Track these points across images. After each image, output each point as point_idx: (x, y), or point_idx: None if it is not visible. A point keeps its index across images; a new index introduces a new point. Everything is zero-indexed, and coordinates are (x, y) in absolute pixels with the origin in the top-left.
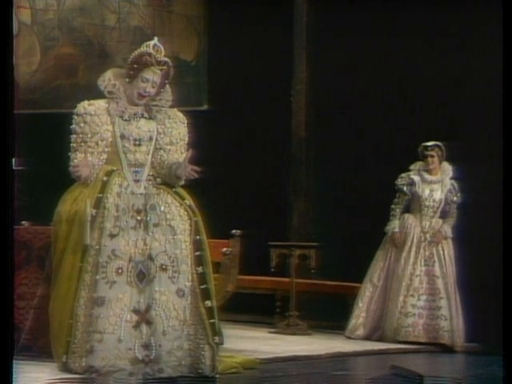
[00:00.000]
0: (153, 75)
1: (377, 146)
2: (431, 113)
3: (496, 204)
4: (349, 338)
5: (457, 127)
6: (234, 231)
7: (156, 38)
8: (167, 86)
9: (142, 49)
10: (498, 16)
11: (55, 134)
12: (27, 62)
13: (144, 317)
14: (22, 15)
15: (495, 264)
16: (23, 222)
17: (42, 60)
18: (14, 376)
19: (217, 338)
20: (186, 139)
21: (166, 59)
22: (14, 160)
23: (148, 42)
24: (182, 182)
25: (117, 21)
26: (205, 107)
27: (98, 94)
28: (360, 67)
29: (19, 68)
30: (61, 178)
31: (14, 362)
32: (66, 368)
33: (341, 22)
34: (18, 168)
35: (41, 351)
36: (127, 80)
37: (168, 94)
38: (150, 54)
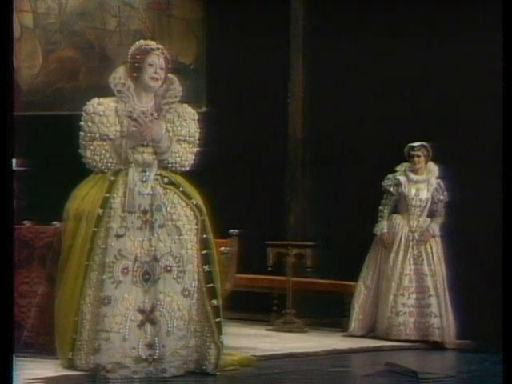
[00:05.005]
0: (157, 58)
1: (373, 146)
2: (428, 113)
3: (484, 202)
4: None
5: (444, 127)
6: (231, 231)
7: (141, 41)
8: (174, 78)
9: (137, 43)
10: (498, 16)
11: (56, 136)
12: (29, 65)
13: (148, 317)
14: (24, 19)
15: (484, 261)
16: (25, 222)
17: (43, 63)
18: (15, 373)
19: (222, 337)
20: (197, 135)
21: (160, 46)
22: (14, 161)
23: (139, 40)
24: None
25: (117, 24)
26: (203, 109)
27: (98, 96)
28: (356, 70)
29: (21, 71)
30: (61, 178)
31: (16, 358)
32: (71, 365)
33: (337, 25)
34: (19, 168)
35: (42, 348)
36: (134, 74)
37: (177, 85)
38: (146, 44)
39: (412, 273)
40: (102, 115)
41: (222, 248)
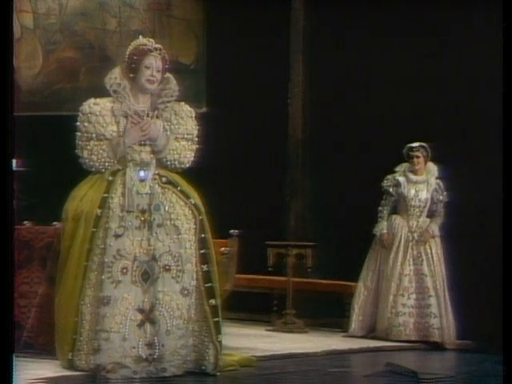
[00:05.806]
0: (154, 60)
1: (373, 146)
2: (428, 113)
3: (484, 202)
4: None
5: (444, 127)
6: (232, 231)
7: (141, 37)
8: (171, 77)
9: (134, 42)
10: (498, 16)
11: (56, 136)
12: (29, 66)
13: (148, 316)
14: (24, 19)
15: (484, 261)
16: (25, 222)
17: (43, 63)
18: (15, 373)
19: (220, 337)
20: (195, 132)
21: (159, 45)
22: (14, 161)
23: (137, 39)
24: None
25: (117, 25)
26: (203, 109)
27: (98, 97)
28: (356, 70)
29: (21, 71)
30: (61, 179)
31: (16, 359)
32: (71, 365)
33: (337, 26)
34: (19, 169)
35: (42, 348)
36: (131, 75)
37: (173, 85)
38: (144, 44)
39: (412, 273)
40: (99, 115)
41: (222, 248)
